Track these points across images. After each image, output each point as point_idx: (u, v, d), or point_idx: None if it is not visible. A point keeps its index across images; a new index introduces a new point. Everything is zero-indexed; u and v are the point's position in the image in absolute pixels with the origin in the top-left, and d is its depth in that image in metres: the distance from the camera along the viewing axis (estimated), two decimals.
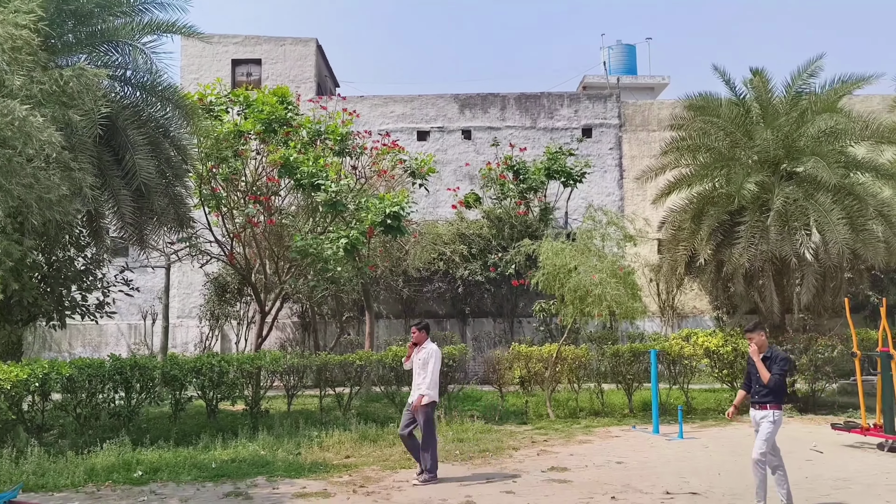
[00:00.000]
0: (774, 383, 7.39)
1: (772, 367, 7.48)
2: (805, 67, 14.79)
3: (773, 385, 7.40)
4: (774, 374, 7.41)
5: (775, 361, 7.50)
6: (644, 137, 22.82)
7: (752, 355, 7.65)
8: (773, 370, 7.44)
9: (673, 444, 11.32)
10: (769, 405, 7.44)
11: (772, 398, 7.43)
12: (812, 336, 14.67)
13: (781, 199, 13.87)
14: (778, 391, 7.44)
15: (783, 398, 7.52)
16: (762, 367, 7.51)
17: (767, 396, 7.44)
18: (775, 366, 7.47)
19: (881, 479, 8.74)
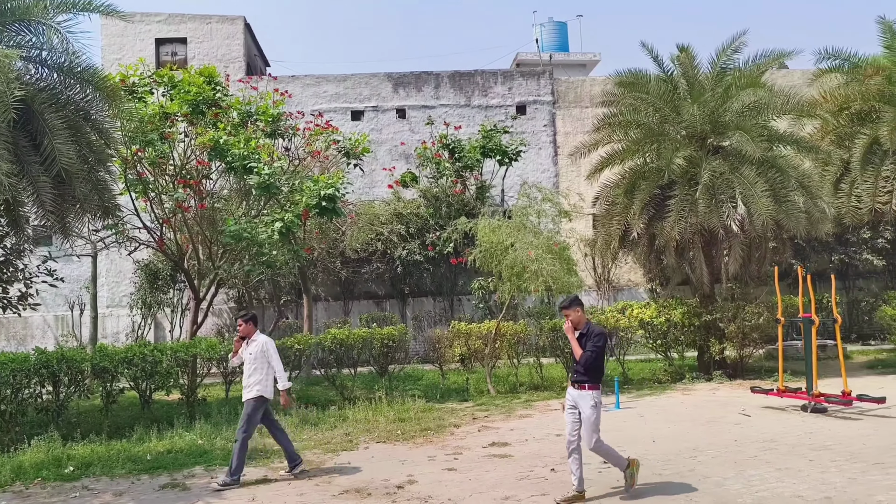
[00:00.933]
0: (586, 360, 6.95)
1: (586, 344, 7.03)
2: (729, 44, 15.15)
3: (584, 363, 6.96)
4: (587, 352, 6.96)
5: (590, 338, 7.04)
6: (577, 114, 23.09)
7: (567, 332, 7.24)
8: (587, 347, 6.99)
9: (610, 415, 11.56)
10: (587, 385, 6.97)
11: (588, 378, 6.98)
12: (740, 304, 15.18)
13: (709, 172, 14.23)
14: (594, 370, 6.99)
15: (600, 377, 7.08)
16: (576, 344, 7.10)
17: (584, 376, 6.99)
18: (589, 342, 7.01)
19: (805, 440, 9.15)
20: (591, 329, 7.14)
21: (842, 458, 8.06)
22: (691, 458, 8.45)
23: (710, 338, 15.04)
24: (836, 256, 21.43)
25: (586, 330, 7.14)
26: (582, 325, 7.19)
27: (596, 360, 6.99)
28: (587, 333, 7.10)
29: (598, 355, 7.00)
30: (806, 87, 18.58)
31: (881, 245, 21.37)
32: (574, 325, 7.18)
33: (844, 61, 17.89)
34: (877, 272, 22.01)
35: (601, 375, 7.10)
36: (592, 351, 6.95)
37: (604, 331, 7.27)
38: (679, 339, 15.38)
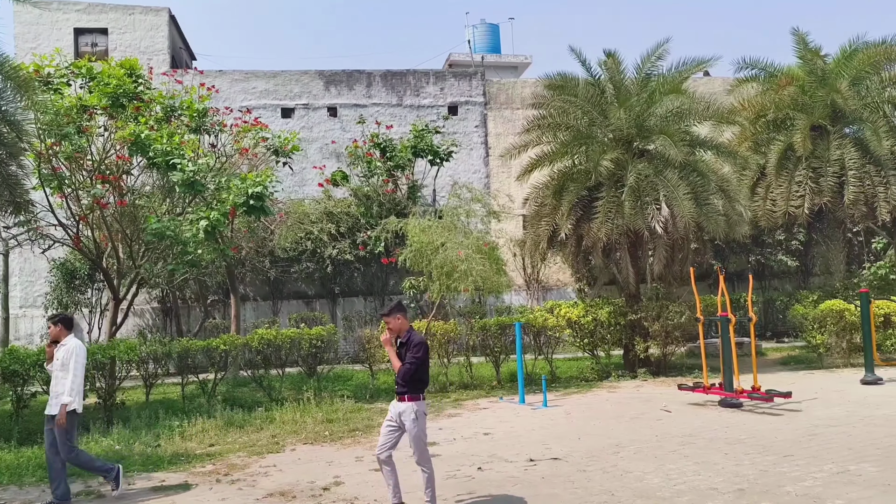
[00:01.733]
0: (405, 374, 6.49)
1: (406, 354, 6.56)
2: (653, 51, 15.58)
3: (403, 376, 6.51)
4: (405, 364, 6.50)
5: (410, 348, 6.55)
6: (508, 115, 23.33)
7: (385, 345, 6.79)
8: (406, 359, 6.52)
9: (538, 413, 11.75)
10: (407, 396, 6.53)
11: (408, 389, 6.53)
12: (663, 303, 15.62)
13: (634, 175, 14.59)
14: (414, 381, 6.54)
15: (422, 388, 6.63)
16: (394, 355, 6.66)
17: (404, 387, 6.54)
18: (409, 353, 6.52)
19: (721, 434, 9.48)
20: (412, 338, 6.62)
21: (755, 451, 8.38)
22: (614, 453, 8.63)
23: (636, 336, 15.41)
24: (753, 257, 22.33)
25: (407, 339, 6.63)
26: (403, 333, 6.68)
27: (416, 371, 6.51)
28: (408, 343, 6.60)
29: (417, 367, 6.51)
30: (725, 95, 19.29)
31: (794, 247, 22.38)
32: (395, 333, 6.71)
33: (761, 71, 18.66)
34: (790, 272, 23.02)
35: (424, 386, 6.65)
36: (411, 363, 6.48)
37: (424, 340, 6.72)
38: (605, 338, 15.71)
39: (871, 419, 9.87)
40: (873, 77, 17.45)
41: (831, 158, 17.07)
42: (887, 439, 8.60)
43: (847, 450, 8.23)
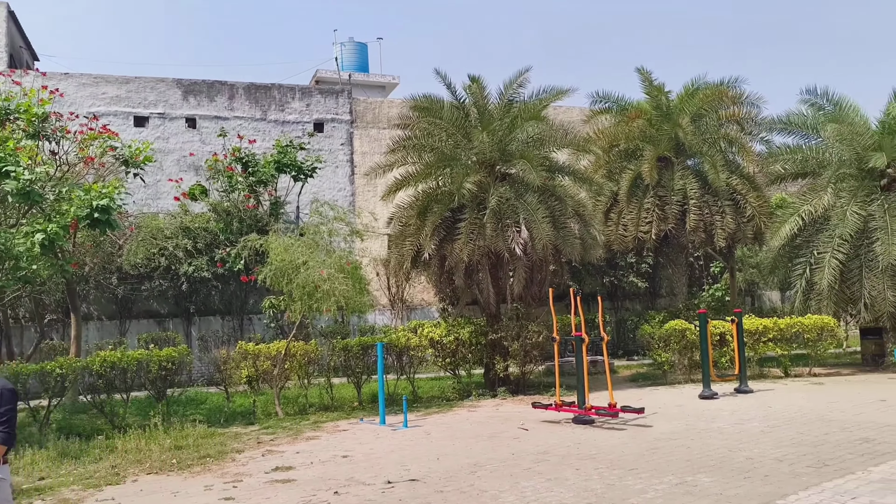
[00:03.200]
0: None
1: None
2: (515, 78, 16.13)
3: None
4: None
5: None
6: (375, 135, 23.34)
7: None
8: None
9: (398, 434, 11.67)
10: None
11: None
12: (523, 323, 16.05)
13: (496, 198, 14.97)
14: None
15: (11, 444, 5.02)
16: None
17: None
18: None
19: (574, 450, 9.80)
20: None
21: (604, 466, 8.72)
22: (472, 473, 8.69)
23: (496, 355, 15.73)
24: (607, 279, 23.53)
25: None
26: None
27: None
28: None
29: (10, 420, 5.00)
30: (582, 125, 20.30)
31: (644, 269, 23.80)
32: None
33: (614, 104, 19.81)
34: (641, 293, 24.44)
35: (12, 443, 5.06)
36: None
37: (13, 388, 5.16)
38: (467, 357, 15.92)
39: (707, 432, 10.56)
40: (712, 115, 18.94)
41: (675, 188, 18.32)
42: (720, 451, 9.21)
43: (686, 462, 8.73)
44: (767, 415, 11.77)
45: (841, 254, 16.99)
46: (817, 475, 7.80)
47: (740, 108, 18.91)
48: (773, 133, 19.50)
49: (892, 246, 16.21)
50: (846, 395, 13.45)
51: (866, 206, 17.17)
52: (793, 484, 7.51)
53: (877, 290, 16.77)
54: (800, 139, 19.19)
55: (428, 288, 21.40)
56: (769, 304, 26.10)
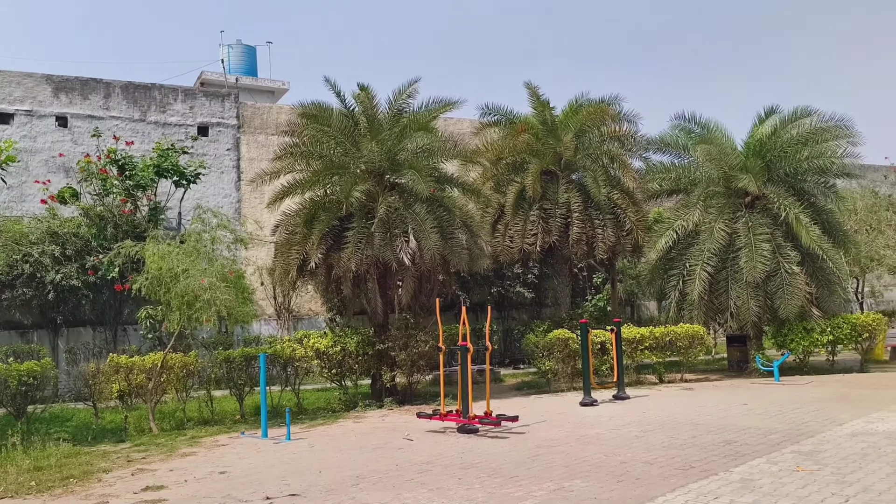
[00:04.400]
0: None
1: None
2: (405, 88, 16.17)
3: None
4: None
5: None
6: (263, 140, 22.79)
7: None
8: None
9: (280, 447, 11.37)
10: None
11: None
12: (410, 333, 16.05)
13: (384, 207, 14.94)
14: None
15: None
16: None
17: None
18: None
19: (457, 459, 9.86)
20: None
21: (486, 475, 8.81)
22: (354, 485, 8.57)
23: (383, 366, 15.65)
24: (495, 289, 23.93)
25: None
26: None
27: None
28: None
29: None
30: (472, 137, 20.63)
31: (530, 280, 24.39)
32: None
33: (502, 117, 20.25)
34: (527, 303, 25.02)
35: None
36: None
37: None
38: (354, 368, 15.74)
39: (585, 438, 10.90)
40: (594, 131, 19.71)
41: (560, 201, 18.91)
42: (597, 456, 9.53)
43: (564, 468, 8.97)
44: (642, 420, 12.29)
45: (710, 267, 18.04)
46: (684, 477, 8.19)
47: (620, 126, 19.79)
48: (651, 151, 20.50)
49: (755, 261, 17.36)
50: (713, 400, 14.24)
51: (732, 223, 18.34)
52: (662, 486, 7.85)
53: (742, 300, 17.90)
54: (674, 158, 20.29)
55: (315, 297, 21.06)
56: (647, 314, 27.35)
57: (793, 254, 17.64)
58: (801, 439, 9.93)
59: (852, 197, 24.74)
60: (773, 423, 11.30)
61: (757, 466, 8.50)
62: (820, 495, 7.16)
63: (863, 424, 10.83)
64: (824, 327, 17.99)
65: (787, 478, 7.90)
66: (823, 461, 8.57)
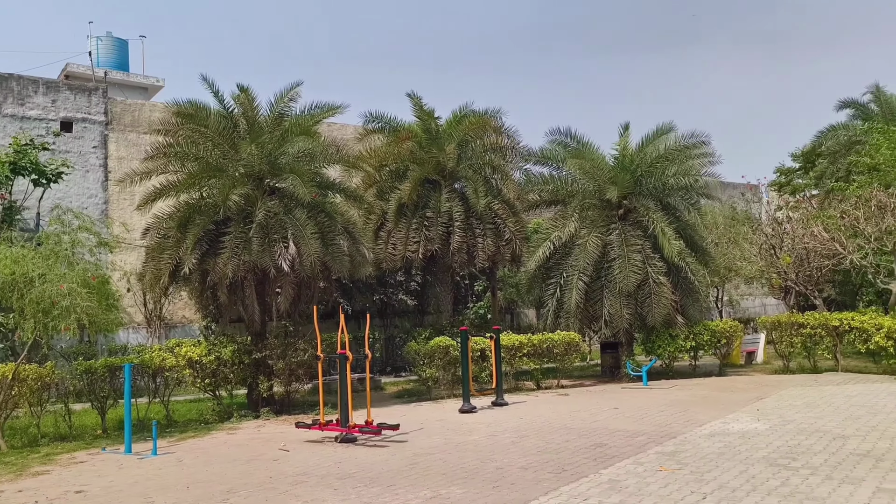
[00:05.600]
0: None
1: None
2: (286, 91, 15.82)
3: None
4: None
5: None
6: (134, 139, 21.64)
7: None
8: None
9: (145, 463, 10.76)
10: None
11: None
12: (289, 341, 15.67)
13: (263, 212, 14.53)
14: None
15: None
16: None
17: None
18: None
19: (334, 469, 9.68)
20: None
21: (362, 484, 8.70)
22: (224, 500, 8.23)
23: (260, 375, 15.18)
24: (378, 296, 23.78)
25: None
26: None
27: None
28: None
29: None
30: (356, 143, 20.46)
31: (413, 287, 24.42)
32: None
33: (386, 124, 20.22)
34: (410, 311, 25.02)
35: None
36: None
37: None
38: (229, 378, 15.17)
39: (463, 445, 10.99)
40: (477, 142, 20.05)
41: (441, 210, 19.07)
42: (474, 463, 9.62)
43: (441, 475, 8.99)
44: (518, 426, 12.54)
45: (586, 276, 18.74)
46: (556, 480, 8.41)
47: (501, 138, 20.23)
48: (531, 163, 21.08)
49: (627, 272, 18.19)
50: (586, 405, 14.76)
51: (606, 235, 19.15)
52: (535, 490, 8.02)
53: (615, 308, 18.69)
54: (553, 170, 20.95)
55: (190, 304, 20.18)
56: (527, 321, 28.06)
57: (660, 264, 18.62)
58: (665, 441, 10.44)
59: (713, 212, 26.50)
60: (639, 426, 11.83)
61: (624, 468, 8.86)
62: (680, 494, 7.55)
63: (720, 425, 11.53)
64: (687, 334, 19.09)
65: (650, 478, 8.27)
66: (684, 461, 9.04)
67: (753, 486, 7.67)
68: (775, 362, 20.31)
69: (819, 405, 12.97)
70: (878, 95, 30.15)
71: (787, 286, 22.76)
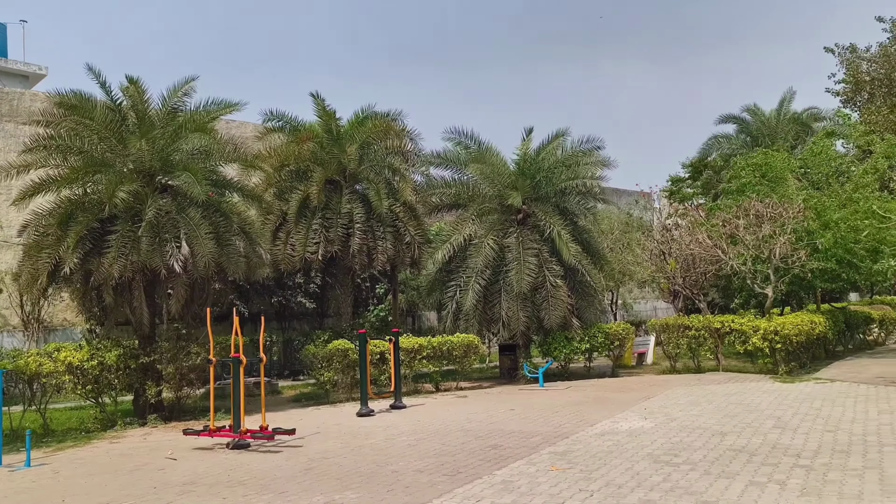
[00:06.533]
0: None
1: None
2: (180, 86, 15.23)
3: None
4: None
5: None
6: (12, 130, 20.25)
7: None
8: None
9: (17, 476, 10.07)
10: None
11: None
12: (180, 345, 15.07)
13: (154, 210, 13.92)
14: None
15: None
16: None
17: None
18: None
19: (224, 477, 9.36)
20: None
21: (253, 492, 8.45)
22: None
23: (148, 380, 14.53)
24: (276, 299, 23.28)
25: None
26: None
27: None
28: None
29: None
30: (256, 142, 19.93)
31: (312, 290, 24.03)
32: None
33: (287, 124, 19.79)
34: (309, 313, 24.62)
35: None
36: None
37: None
38: (113, 384, 14.45)
39: (359, 449, 10.87)
40: (379, 144, 19.91)
41: (342, 211, 18.83)
42: (370, 467, 9.53)
43: (336, 480, 8.86)
44: (416, 429, 12.53)
45: (484, 279, 18.98)
46: (451, 482, 8.45)
47: (404, 141, 20.19)
48: (433, 167, 21.16)
49: (523, 274, 18.55)
50: (484, 407, 14.93)
51: (504, 238, 19.47)
52: (430, 493, 8.03)
53: (512, 311, 19.02)
54: (455, 174, 21.11)
55: (72, 306, 19.07)
56: (428, 324, 28.14)
57: (557, 268, 19.09)
58: (558, 441, 10.69)
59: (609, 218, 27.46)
60: (534, 427, 12.06)
61: (517, 468, 9.00)
62: (569, 492, 7.74)
63: (610, 424, 11.92)
64: (583, 336, 19.66)
65: (542, 477, 8.44)
66: (574, 460, 9.28)
67: (638, 483, 7.96)
68: (664, 363, 21.21)
69: (701, 403, 13.63)
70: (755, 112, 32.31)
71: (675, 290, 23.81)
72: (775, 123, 31.29)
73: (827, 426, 10.81)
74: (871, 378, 16.37)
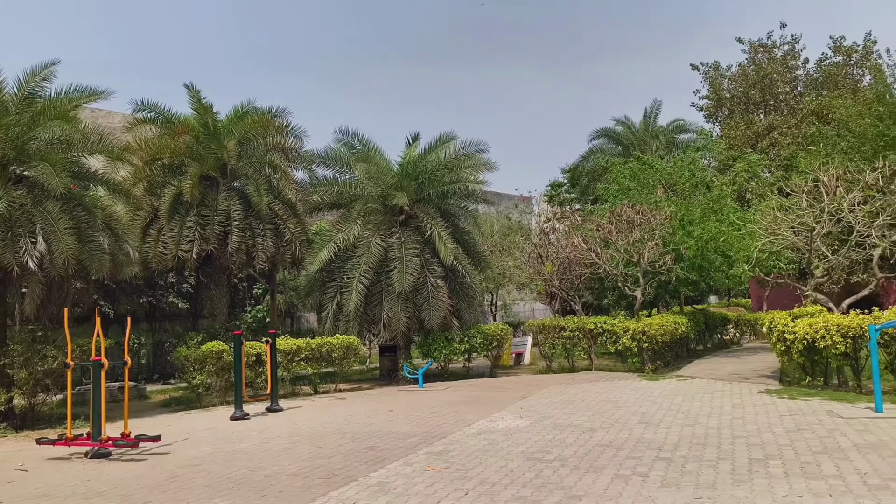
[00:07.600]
0: None
1: None
2: (39, 70, 14.15)
3: None
4: None
5: None
6: None
7: None
8: None
9: None
10: None
11: None
12: (35, 348, 14.01)
13: (6, 202, 12.90)
14: None
15: None
16: None
17: None
18: None
19: (81, 489, 8.77)
20: None
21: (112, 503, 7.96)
22: None
23: None
24: (146, 299, 22.16)
25: None
26: None
27: None
28: None
29: None
30: (125, 133, 18.87)
31: (186, 289, 23.07)
32: None
33: (159, 115, 18.82)
34: (182, 314, 23.61)
35: None
36: None
37: None
38: None
39: (232, 454, 10.49)
40: (259, 140, 19.34)
41: (219, 208, 18.14)
42: (242, 472, 9.21)
43: (205, 487, 8.50)
44: (292, 432, 12.25)
45: (366, 280, 18.86)
46: (326, 485, 8.30)
47: (285, 139, 19.72)
48: (316, 165, 20.81)
49: (405, 274, 18.58)
50: (363, 409, 14.80)
51: (388, 239, 19.44)
52: (304, 497, 7.85)
53: (393, 312, 19.01)
54: (338, 173, 20.87)
55: None
56: (307, 326, 27.65)
57: (438, 269, 19.26)
58: (435, 441, 10.75)
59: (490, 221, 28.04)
60: (412, 428, 12.08)
61: (394, 469, 8.96)
62: (444, 491, 7.78)
63: (486, 424, 12.12)
64: (462, 337, 19.93)
65: (418, 478, 8.45)
66: (451, 460, 9.36)
67: (511, 480, 8.12)
68: (540, 363, 21.85)
69: (574, 402, 14.12)
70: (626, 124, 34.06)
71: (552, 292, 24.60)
72: (644, 135, 33.08)
73: (686, 421, 11.46)
74: (727, 375, 17.55)
